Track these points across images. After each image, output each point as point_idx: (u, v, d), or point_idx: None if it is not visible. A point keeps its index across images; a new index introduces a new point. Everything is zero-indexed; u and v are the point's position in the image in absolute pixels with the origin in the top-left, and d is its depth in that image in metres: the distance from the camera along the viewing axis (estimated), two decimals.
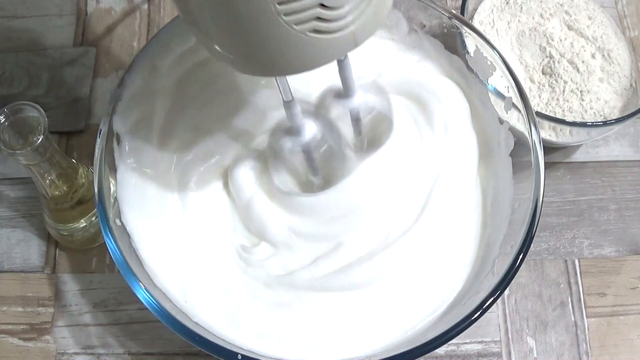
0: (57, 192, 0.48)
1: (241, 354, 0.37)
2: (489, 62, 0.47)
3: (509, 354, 0.50)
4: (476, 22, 0.59)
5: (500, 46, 0.57)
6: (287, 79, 0.37)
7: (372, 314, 0.42)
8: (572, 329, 0.51)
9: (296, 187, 0.45)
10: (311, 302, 0.42)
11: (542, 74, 0.56)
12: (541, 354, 0.50)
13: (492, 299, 0.38)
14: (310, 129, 0.41)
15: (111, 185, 0.44)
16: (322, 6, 0.30)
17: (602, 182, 0.57)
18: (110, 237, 0.41)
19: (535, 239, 0.41)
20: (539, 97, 0.55)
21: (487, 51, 0.46)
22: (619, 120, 0.51)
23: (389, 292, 0.42)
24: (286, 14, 0.29)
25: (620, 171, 0.57)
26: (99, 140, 0.44)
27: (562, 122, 0.51)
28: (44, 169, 0.45)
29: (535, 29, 0.58)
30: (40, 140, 0.41)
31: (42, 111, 0.41)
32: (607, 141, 0.58)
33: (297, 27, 0.30)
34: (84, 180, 0.49)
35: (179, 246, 0.44)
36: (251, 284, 0.43)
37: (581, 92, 0.55)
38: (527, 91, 0.50)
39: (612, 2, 0.61)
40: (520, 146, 0.44)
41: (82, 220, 0.51)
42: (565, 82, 0.55)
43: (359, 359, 0.40)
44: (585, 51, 0.57)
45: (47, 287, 0.52)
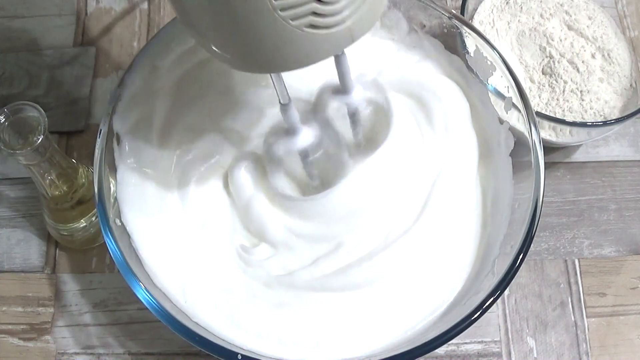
0: (57, 192, 0.48)
1: (241, 354, 0.37)
2: (489, 62, 0.47)
3: (509, 354, 0.50)
4: (476, 22, 0.59)
5: (500, 46, 0.57)
6: (285, 79, 0.37)
7: (372, 314, 0.42)
8: (572, 329, 0.51)
9: (295, 189, 0.45)
10: (311, 302, 0.42)
11: (542, 74, 0.56)
12: (541, 354, 0.50)
13: (492, 299, 0.38)
14: (307, 132, 0.41)
15: (111, 185, 0.44)
16: (318, 1, 0.30)
17: (602, 182, 0.57)
18: (110, 237, 0.41)
19: (535, 239, 0.41)
20: (539, 97, 0.55)
21: (487, 51, 0.46)
22: (619, 120, 0.51)
23: (389, 292, 0.42)
24: (282, 9, 0.29)
25: (620, 171, 0.57)
26: (99, 140, 0.44)
27: (562, 122, 0.51)
28: (44, 169, 0.45)
29: (535, 29, 0.58)
30: (40, 140, 0.41)
31: (42, 111, 0.41)
32: (607, 141, 0.58)
33: (293, 23, 0.30)
34: (84, 180, 0.49)
35: (179, 246, 0.44)
36: (251, 284, 0.43)
37: (581, 92, 0.55)
38: (527, 91, 0.50)
39: (612, 2, 0.61)
40: (520, 146, 0.44)
41: (82, 220, 0.51)
42: (565, 82, 0.55)
43: (359, 359, 0.40)
44: (585, 51, 0.57)
45: (47, 287, 0.52)
